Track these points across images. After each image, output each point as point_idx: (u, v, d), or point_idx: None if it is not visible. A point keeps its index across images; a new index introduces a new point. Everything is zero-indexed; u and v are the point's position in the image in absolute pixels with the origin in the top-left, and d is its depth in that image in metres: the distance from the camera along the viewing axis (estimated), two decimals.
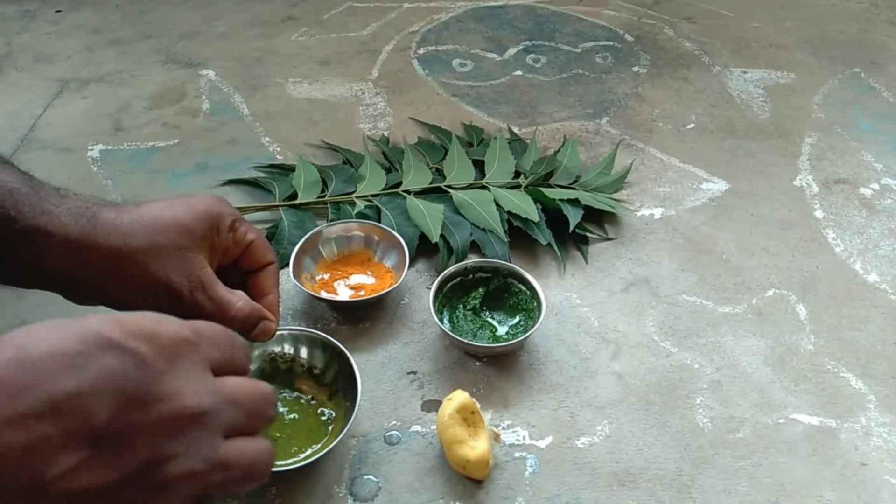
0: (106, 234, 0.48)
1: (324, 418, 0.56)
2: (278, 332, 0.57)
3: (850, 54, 1.04)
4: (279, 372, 0.58)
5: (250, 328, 0.54)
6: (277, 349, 0.59)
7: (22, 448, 0.30)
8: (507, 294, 0.66)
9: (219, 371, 0.37)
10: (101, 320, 0.34)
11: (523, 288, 0.65)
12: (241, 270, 0.57)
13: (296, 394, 0.58)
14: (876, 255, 0.73)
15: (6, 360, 0.31)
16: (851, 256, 0.73)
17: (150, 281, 0.50)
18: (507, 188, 0.76)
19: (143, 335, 0.34)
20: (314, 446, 0.54)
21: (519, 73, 0.98)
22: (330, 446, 0.52)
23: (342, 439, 0.53)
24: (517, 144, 0.84)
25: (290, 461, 0.52)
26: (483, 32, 1.06)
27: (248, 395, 0.38)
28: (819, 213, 0.78)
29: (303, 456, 0.53)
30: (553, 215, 0.73)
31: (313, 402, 0.57)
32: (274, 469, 0.50)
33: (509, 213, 0.73)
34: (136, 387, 0.33)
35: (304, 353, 0.59)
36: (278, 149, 0.84)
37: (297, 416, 0.56)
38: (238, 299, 0.53)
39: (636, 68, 1.00)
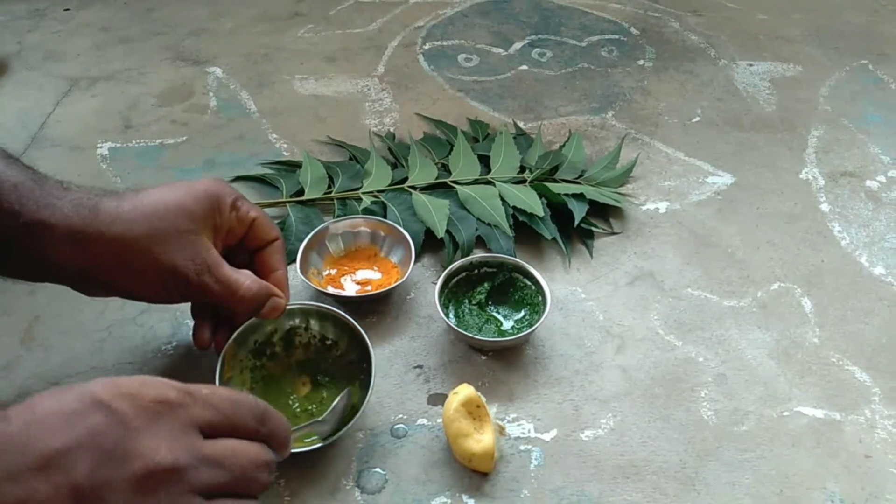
0: (108, 224, 0.49)
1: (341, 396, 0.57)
2: (288, 307, 0.57)
3: (857, 46, 1.04)
4: (297, 347, 0.59)
5: (259, 306, 0.54)
6: (290, 323, 0.58)
7: (16, 501, 0.33)
8: (513, 288, 0.66)
9: (212, 432, 0.39)
10: (102, 382, 0.36)
11: (528, 282, 0.66)
12: (247, 249, 0.57)
13: (318, 371, 0.58)
14: (882, 248, 0.73)
15: (20, 419, 0.34)
16: (857, 249, 0.73)
17: (155, 267, 0.50)
18: (513, 183, 0.76)
19: (128, 395, 0.36)
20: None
21: (524, 67, 0.98)
22: (349, 425, 0.53)
23: (357, 421, 0.53)
24: (522, 139, 0.84)
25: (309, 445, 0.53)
26: (488, 27, 1.06)
27: (238, 458, 0.39)
28: (825, 206, 0.78)
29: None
30: (558, 210, 0.74)
31: (331, 382, 0.58)
32: (297, 450, 0.51)
33: (514, 207, 0.73)
34: (114, 443, 0.35)
35: (315, 325, 0.59)
36: (285, 145, 0.85)
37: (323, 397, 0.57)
38: (245, 279, 0.53)
39: (642, 62, 1.00)
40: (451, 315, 0.64)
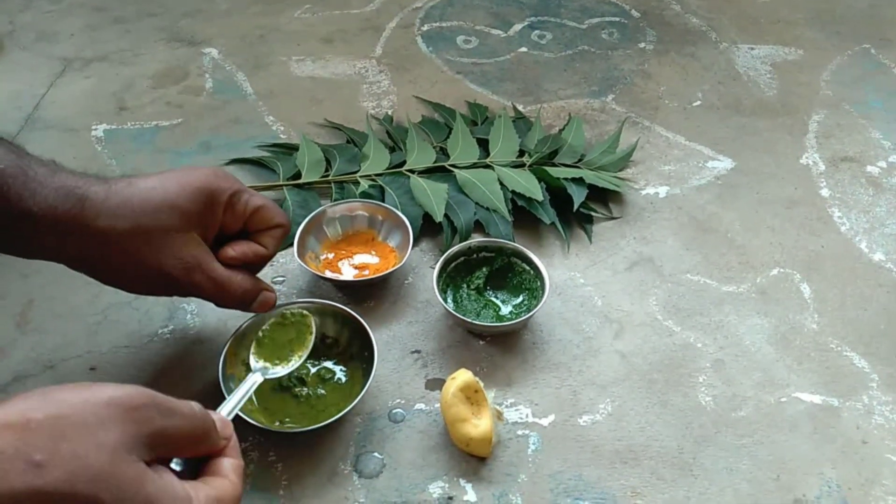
0: (93, 217, 0.47)
1: (342, 384, 0.57)
2: (289, 307, 0.57)
3: (859, 30, 1.03)
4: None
5: (250, 302, 0.54)
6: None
7: None
8: (511, 273, 0.66)
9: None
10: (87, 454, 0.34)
11: (527, 267, 0.65)
12: (248, 231, 0.56)
13: (320, 365, 0.58)
14: (882, 234, 0.73)
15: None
16: (857, 235, 0.73)
17: (140, 265, 0.49)
18: (512, 167, 0.75)
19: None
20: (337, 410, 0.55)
21: (524, 49, 0.97)
22: (348, 407, 0.53)
23: (357, 404, 0.53)
24: (522, 123, 0.83)
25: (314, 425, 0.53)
26: (488, 8, 1.05)
27: None
28: (825, 192, 0.78)
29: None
30: (557, 194, 0.73)
31: (331, 371, 0.58)
32: (299, 430, 0.52)
33: (513, 192, 0.72)
34: None
35: (315, 323, 0.58)
36: (282, 128, 0.84)
37: (324, 392, 0.57)
38: (235, 276, 0.53)
39: (642, 45, 0.99)
40: (449, 300, 0.63)
